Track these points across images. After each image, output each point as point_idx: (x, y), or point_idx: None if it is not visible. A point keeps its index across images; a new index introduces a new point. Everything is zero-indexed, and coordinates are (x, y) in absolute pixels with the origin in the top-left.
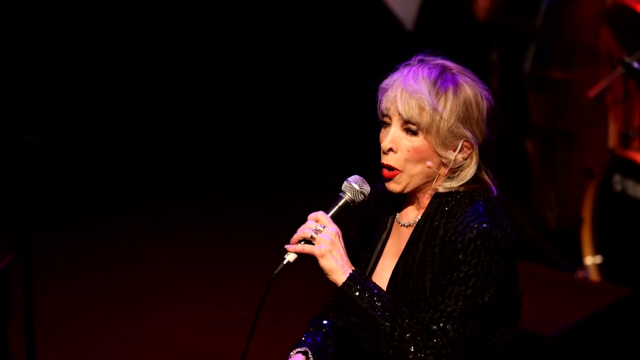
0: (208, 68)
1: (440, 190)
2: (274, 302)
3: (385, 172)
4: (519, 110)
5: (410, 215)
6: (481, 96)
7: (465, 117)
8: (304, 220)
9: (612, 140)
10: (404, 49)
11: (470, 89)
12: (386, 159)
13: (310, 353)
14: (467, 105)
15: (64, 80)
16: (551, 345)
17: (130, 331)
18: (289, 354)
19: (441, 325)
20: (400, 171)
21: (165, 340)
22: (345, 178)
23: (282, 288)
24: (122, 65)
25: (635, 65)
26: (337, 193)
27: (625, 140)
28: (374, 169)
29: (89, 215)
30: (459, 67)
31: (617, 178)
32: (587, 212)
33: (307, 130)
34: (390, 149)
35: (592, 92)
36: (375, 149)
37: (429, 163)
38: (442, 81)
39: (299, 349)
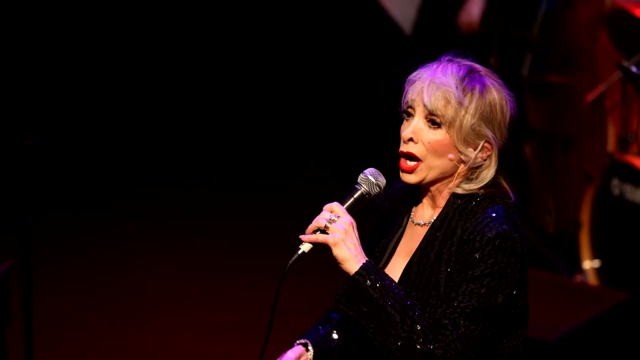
0: (207, 68)
1: (459, 191)
2: (277, 308)
3: (404, 164)
4: (518, 114)
5: (426, 214)
6: (506, 101)
7: (489, 117)
8: (305, 224)
9: (611, 144)
10: (402, 53)
11: (496, 92)
12: (407, 147)
13: (310, 345)
14: (492, 107)
15: (63, 81)
16: (550, 350)
17: (130, 335)
18: (295, 344)
19: (453, 320)
20: (421, 161)
21: (164, 345)
22: (351, 175)
23: (286, 294)
24: (122, 66)
25: (634, 69)
26: (343, 190)
27: (624, 144)
28: (391, 163)
29: (88, 217)
30: (487, 70)
31: (615, 182)
32: (585, 216)
33: (307, 130)
34: (411, 139)
35: (591, 97)
36: (374, 149)
37: (450, 155)
38: (470, 79)
39: (300, 341)
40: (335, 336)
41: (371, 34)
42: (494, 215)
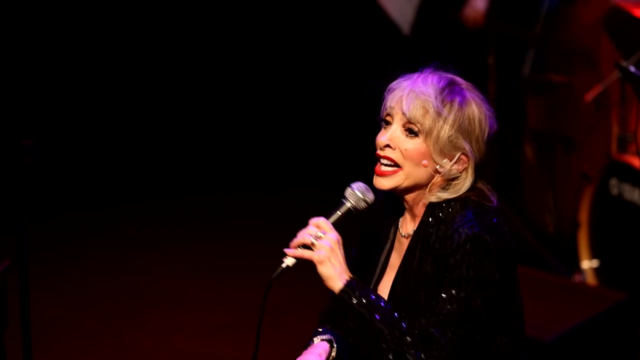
0: (206, 74)
1: (434, 199)
2: (269, 307)
3: (379, 169)
4: (517, 115)
5: (409, 225)
6: (485, 116)
7: (467, 130)
8: (301, 228)
9: (609, 144)
10: (401, 53)
11: (476, 106)
12: (383, 153)
13: (334, 341)
14: (470, 120)
15: (61, 88)
16: (548, 350)
17: (126, 337)
18: (311, 341)
19: (439, 328)
20: (401, 168)
21: (160, 345)
22: (346, 185)
23: (278, 292)
24: (121, 67)
25: (632, 69)
26: (338, 200)
27: (622, 144)
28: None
29: (85, 220)
30: (469, 84)
31: (613, 182)
32: (583, 216)
33: (305, 138)
34: (387, 146)
35: (590, 96)
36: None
37: (424, 162)
38: (450, 91)
39: (323, 337)
40: None
41: (370, 39)
42: (463, 219)
